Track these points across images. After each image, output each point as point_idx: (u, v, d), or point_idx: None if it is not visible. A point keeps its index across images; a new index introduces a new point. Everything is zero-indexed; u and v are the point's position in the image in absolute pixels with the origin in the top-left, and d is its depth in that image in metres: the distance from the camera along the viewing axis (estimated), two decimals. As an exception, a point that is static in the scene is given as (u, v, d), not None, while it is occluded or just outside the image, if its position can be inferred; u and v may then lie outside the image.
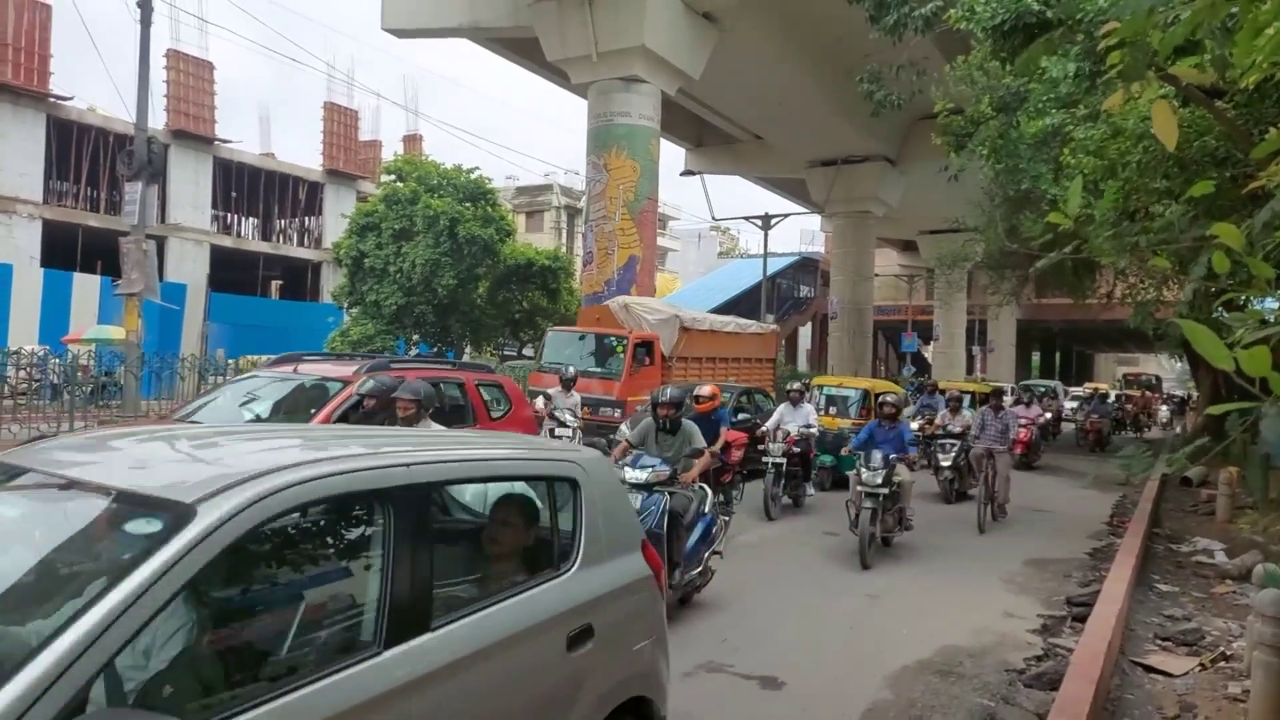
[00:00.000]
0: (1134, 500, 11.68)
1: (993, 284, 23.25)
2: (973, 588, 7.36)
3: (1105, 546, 9.21)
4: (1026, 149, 9.76)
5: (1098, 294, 19.02)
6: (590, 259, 18.65)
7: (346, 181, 35.12)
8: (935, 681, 5.04)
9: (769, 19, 19.93)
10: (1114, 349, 63.76)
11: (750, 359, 19.34)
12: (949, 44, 11.80)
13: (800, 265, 46.68)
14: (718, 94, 24.61)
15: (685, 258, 59.47)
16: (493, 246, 24.66)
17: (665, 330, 15.44)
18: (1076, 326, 44.06)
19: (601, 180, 18.08)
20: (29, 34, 24.76)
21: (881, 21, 9.46)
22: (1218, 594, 7.19)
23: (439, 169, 25.50)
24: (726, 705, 4.58)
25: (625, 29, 17.17)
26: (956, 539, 9.41)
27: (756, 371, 19.40)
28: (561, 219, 45.55)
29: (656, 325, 15.29)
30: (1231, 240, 1.99)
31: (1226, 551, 8.65)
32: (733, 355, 18.32)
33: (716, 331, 17.87)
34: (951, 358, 41.88)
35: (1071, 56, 6.68)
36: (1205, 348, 1.73)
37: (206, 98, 29.91)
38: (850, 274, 31.02)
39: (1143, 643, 5.81)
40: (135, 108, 14.86)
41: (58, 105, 26.30)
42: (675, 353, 15.63)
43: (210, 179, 30.62)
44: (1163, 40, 2.44)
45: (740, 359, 18.83)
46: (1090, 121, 7.90)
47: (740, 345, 18.92)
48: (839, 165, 28.53)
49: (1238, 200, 6.06)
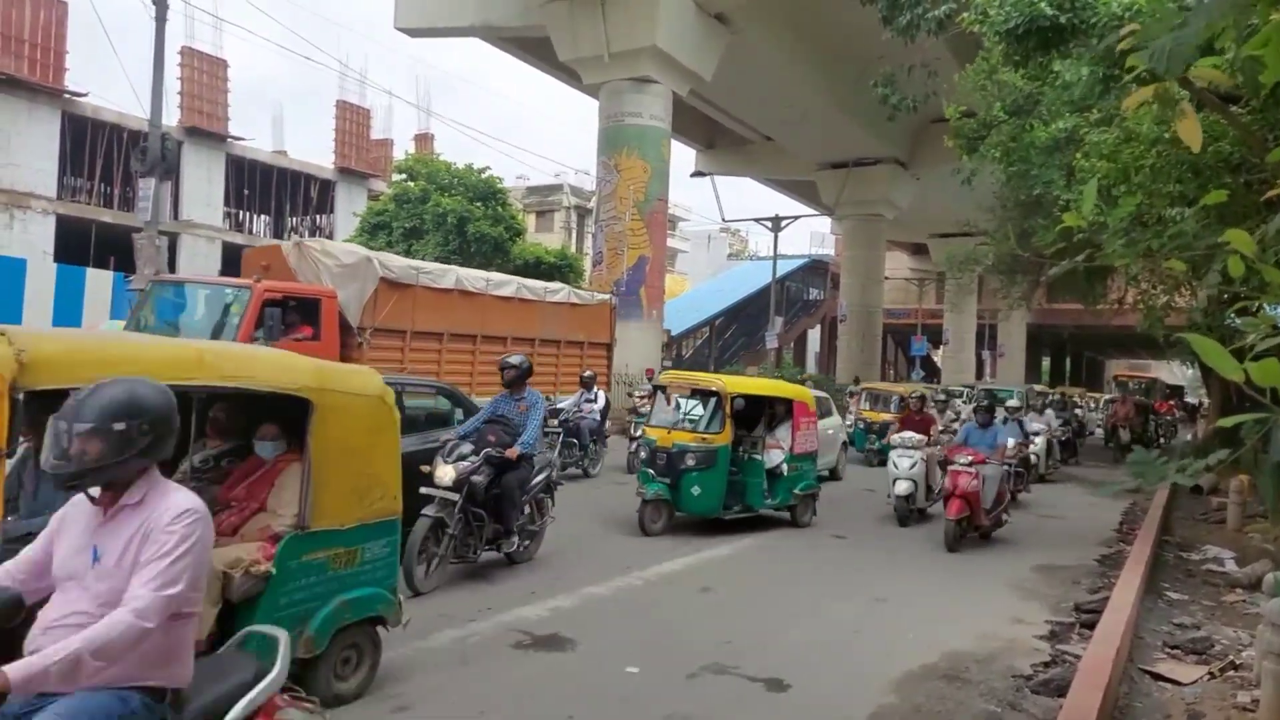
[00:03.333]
0: (1144, 507, 11.61)
1: (1003, 288, 23.14)
2: (980, 593, 7.32)
3: (1115, 553, 9.16)
4: (1039, 153, 9.71)
5: (1109, 300, 18.92)
6: (600, 259, 18.66)
7: (358, 180, 35.22)
8: (941, 687, 5.02)
9: (780, 20, 19.91)
10: (1125, 354, 63.35)
11: (561, 342, 14.57)
12: (961, 46, 11.76)
13: (810, 268, 46.61)
14: (729, 95, 24.59)
15: (695, 259, 59.40)
16: (503, 245, 24.71)
17: (351, 284, 10.86)
18: (1087, 332, 43.81)
19: (612, 181, 18.09)
20: (45, 30, 24.93)
21: (894, 23, 9.45)
22: (1227, 602, 7.13)
23: (450, 168, 25.57)
24: (731, 707, 4.57)
25: (637, 29, 17.18)
26: (962, 544, 9.37)
27: (574, 360, 14.75)
28: (572, 219, 45.57)
29: (339, 277, 10.86)
30: (1244, 246, 1.98)
31: (1237, 560, 8.58)
32: (519, 334, 13.42)
33: (475, 294, 12.76)
34: (961, 362, 41.73)
35: (1085, 60, 6.65)
36: (1214, 360, 1.72)
37: (220, 95, 30.04)
38: (860, 277, 30.94)
39: (1151, 650, 5.77)
40: (149, 104, 14.95)
41: (72, 101, 26.45)
42: (377, 320, 11.10)
43: (223, 176, 30.75)
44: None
45: (541, 340, 13.93)
46: (1104, 126, 7.86)
47: (536, 319, 13.94)
48: (850, 167, 28.47)
49: (1251, 206, 6.02)
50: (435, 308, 12.03)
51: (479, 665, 4.88)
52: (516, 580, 6.71)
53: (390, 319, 11.32)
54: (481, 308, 12.86)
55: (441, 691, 4.54)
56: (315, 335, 9.91)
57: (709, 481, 8.72)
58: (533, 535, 7.20)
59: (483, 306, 12.89)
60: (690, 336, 43.39)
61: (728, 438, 8.92)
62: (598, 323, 15.71)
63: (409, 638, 5.24)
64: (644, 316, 17.82)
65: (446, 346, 12.30)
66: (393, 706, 4.31)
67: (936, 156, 22.16)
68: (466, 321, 12.59)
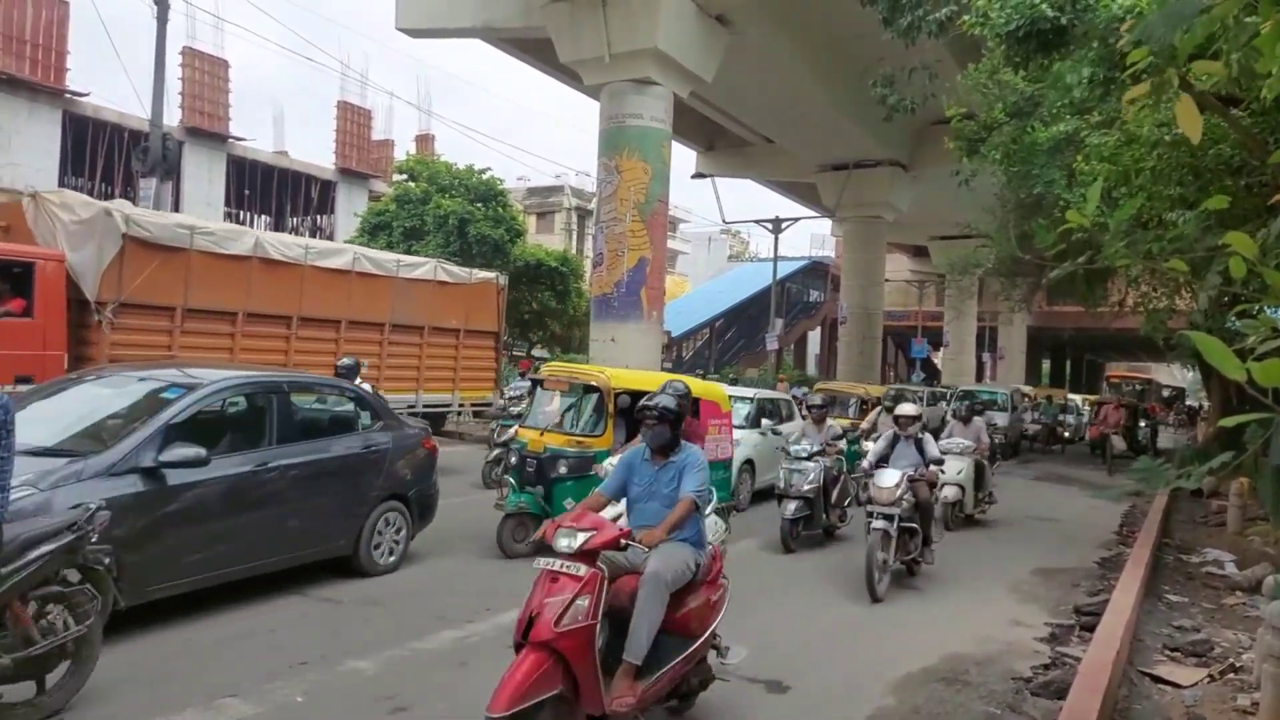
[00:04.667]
0: (1144, 510, 11.61)
1: (1004, 291, 23.16)
2: (980, 595, 7.32)
3: (1114, 556, 9.16)
4: (1040, 154, 9.71)
5: (1109, 302, 18.91)
6: (600, 260, 18.63)
7: (359, 180, 35.25)
8: (941, 689, 5.01)
9: (781, 22, 19.91)
10: (1126, 357, 63.32)
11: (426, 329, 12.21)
12: (962, 48, 11.77)
13: (810, 270, 46.60)
14: (730, 97, 24.58)
15: (695, 260, 59.41)
16: (503, 247, 24.69)
17: (87, 245, 8.79)
18: (1088, 334, 43.76)
19: (613, 182, 18.07)
20: (46, 30, 24.95)
21: (895, 24, 9.45)
22: (1227, 605, 7.13)
23: (451, 169, 25.58)
24: (731, 708, 4.57)
25: (638, 31, 17.17)
26: (964, 546, 9.36)
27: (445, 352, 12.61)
28: (572, 220, 45.59)
29: (75, 235, 8.83)
30: (1245, 249, 1.98)
31: (1237, 563, 8.58)
32: (361, 317, 11.26)
33: (287, 265, 10.38)
34: (961, 364, 41.70)
35: (1085, 62, 6.65)
36: (1217, 359, 1.72)
37: (221, 95, 30.08)
38: (860, 279, 30.90)
39: (1151, 653, 5.77)
40: (150, 105, 14.96)
41: (73, 101, 26.47)
42: (125, 292, 8.90)
43: (224, 176, 30.79)
44: (1183, 40, 2.43)
45: (394, 327, 11.69)
46: (1105, 128, 7.86)
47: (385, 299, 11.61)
48: (850, 169, 28.45)
49: (1252, 209, 6.02)
50: (223, 280, 9.72)
51: (478, 666, 4.87)
52: (520, 581, 6.70)
53: (146, 292, 9.03)
54: (298, 282, 10.46)
55: (441, 691, 4.54)
56: (28, 310, 8.13)
57: (586, 493, 7.13)
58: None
59: (300, 281, 10.49)
60: (691, 338, 43.38)
61: (609, 441, 7.72)
62: (480, 307, 13.28)
63: (409, 638, 5.24)
64: (644, 318, 17.78)
65: (244, 330, 9.94)
66: (392, 707, 4.31)
67: (937, 159, 22.14)
68: (274, 299, 10.19)
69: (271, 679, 4.56)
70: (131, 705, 4.15)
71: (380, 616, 5.73)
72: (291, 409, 6.22)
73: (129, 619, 4.95)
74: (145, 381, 5.74)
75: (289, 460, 5.94)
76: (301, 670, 4.72)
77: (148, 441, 5.06)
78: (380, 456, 6.73)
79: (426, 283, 12.43)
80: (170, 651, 4.89)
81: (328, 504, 6.28)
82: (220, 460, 5.42)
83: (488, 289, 13.79)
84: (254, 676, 4.57)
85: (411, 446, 7.14)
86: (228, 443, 5.74)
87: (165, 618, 5.25)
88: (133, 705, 4.15)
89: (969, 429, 10.88)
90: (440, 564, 7.21)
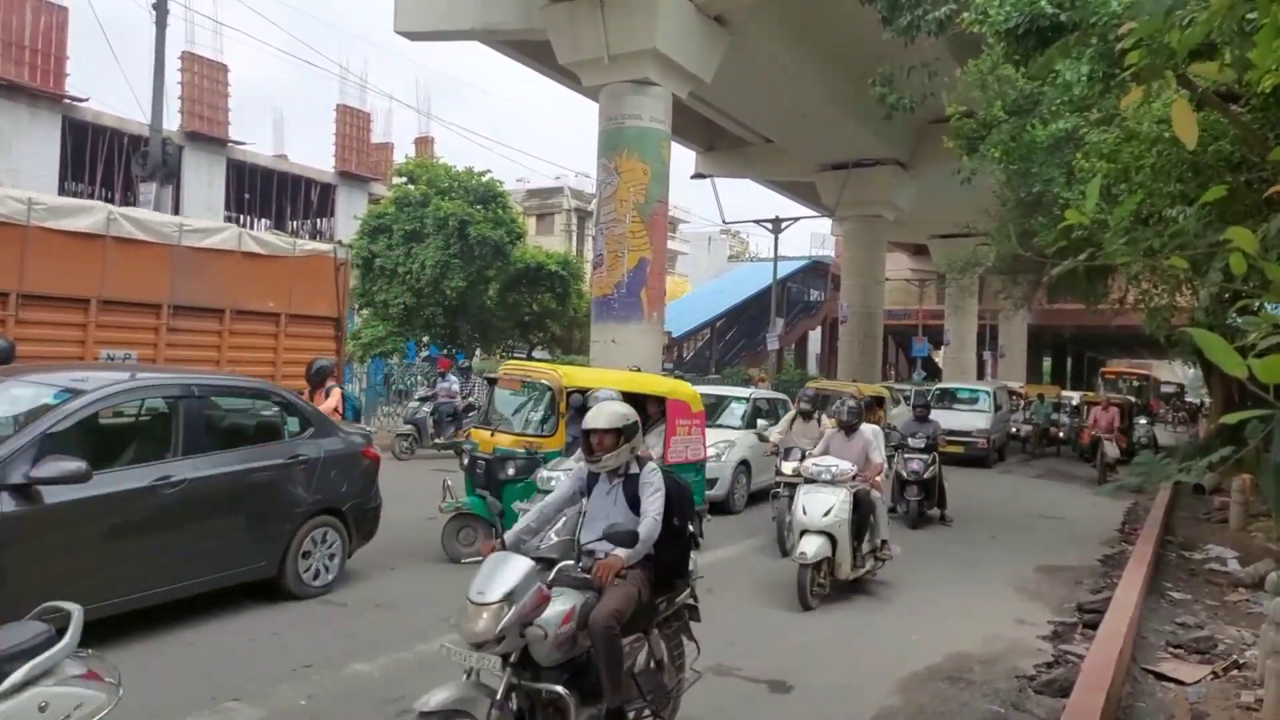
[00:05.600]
0: (1146, 507, 11.60)
1: (1004, 289, 23.11)
2: (983, 594, 7.32)
3: (1117, 554, 9.15)
4: (1039, 152, 9.71)
5: (1110, 300, 18.86)
6: (600, 261, 18.63)
7: (358, 183, 35.28)
8: (944, 688, 5.01)
9: (780, 22, 19.93)
10: (1126, 354, 63.29)
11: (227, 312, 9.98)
12: (961, 46, 11.76)
13: (810, 269, 46.59)
14: (729, 97, 24.58)
15: (695, 261, 59.41)
16: (503, 249, 24.69)
17: None
18: (1089, 332, 43.79)
19: (612, 183, 18.08)
20: (45, 36, 24.98)
21: (895, 23, 9.45)
22: (1230, 602, 7.13)
23: (450, 171, 25.58)
24: (734, 708, 4.57)
25: (637, 32, 17.17)
26: (965, 545, 9.36)
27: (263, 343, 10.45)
28: (572, 221, 45.60)
29: None
30: (1246, 244, 1.98)
31: (1239, 559, 8.58)
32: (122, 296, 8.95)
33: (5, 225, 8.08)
34: (962, 363, 41.68)
35: (1085, 59, 6.65)
36: (1218, 356, 1.72)
37: (221, 100, 30.11)
38: (861, 278, 30.90)
39: (1154, 650, 5.77)
40: (150, 109, 14.98)
41: (73, 106, 26.50)
42: None
43: (224, 180, 30.82)
44: (1181, 40, 2.43)
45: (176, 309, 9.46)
46: (1104, 125, 7.86)
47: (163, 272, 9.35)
48: (850, 169, 28.45)
49: (1253, 205, 6.02)
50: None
51: (481, 668, 4.86)
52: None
53: None
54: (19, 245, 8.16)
55: (444, 694, 4.53)
56: None
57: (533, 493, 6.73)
58: None
59: (24, 244, 8.19)
60: (691, 338, 43.39)
61: (560, 441, 7.36)
62: (310, 286, 10.95)
63: (414, 640, 5.24)
64: (645, 319, 17.77)
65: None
66: (398, 710, 4.31)
67: (937, 157, 22.11)
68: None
69: (275, 682, 4.56)
70: (134, 710, 4.15)
71: (384, 619, 5.73)
72: (203, 415, 5.54)
73: (129, 622, 4.95)
74: (27, 386, 5.10)
75: (196, 474, 5.26)
76: (305, 673, 4.72)
77: (19, 454, 4.43)
78: (308, 467, 6.03)
79: (225, 253, 10.08)
80: (173, 655, 4.89)
81: (243, 521, 5.65)
82: (111, 475, 4.85)
83: (320, 264, 11.35)
84: (258, 680, 4.57)
85: (347, 456, 6.43)
86: (131, 454, 5.23)
87: (166, 621, 5.26)
88: (136, 710, 4.15)
89: (851, 442, 7.50)
90: (441, 565, 7.20)
